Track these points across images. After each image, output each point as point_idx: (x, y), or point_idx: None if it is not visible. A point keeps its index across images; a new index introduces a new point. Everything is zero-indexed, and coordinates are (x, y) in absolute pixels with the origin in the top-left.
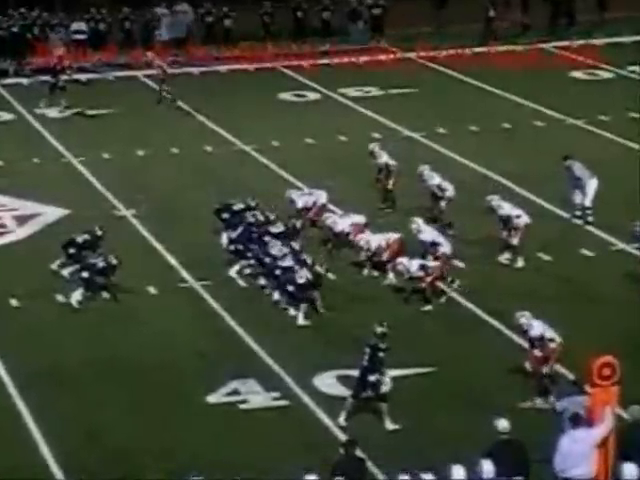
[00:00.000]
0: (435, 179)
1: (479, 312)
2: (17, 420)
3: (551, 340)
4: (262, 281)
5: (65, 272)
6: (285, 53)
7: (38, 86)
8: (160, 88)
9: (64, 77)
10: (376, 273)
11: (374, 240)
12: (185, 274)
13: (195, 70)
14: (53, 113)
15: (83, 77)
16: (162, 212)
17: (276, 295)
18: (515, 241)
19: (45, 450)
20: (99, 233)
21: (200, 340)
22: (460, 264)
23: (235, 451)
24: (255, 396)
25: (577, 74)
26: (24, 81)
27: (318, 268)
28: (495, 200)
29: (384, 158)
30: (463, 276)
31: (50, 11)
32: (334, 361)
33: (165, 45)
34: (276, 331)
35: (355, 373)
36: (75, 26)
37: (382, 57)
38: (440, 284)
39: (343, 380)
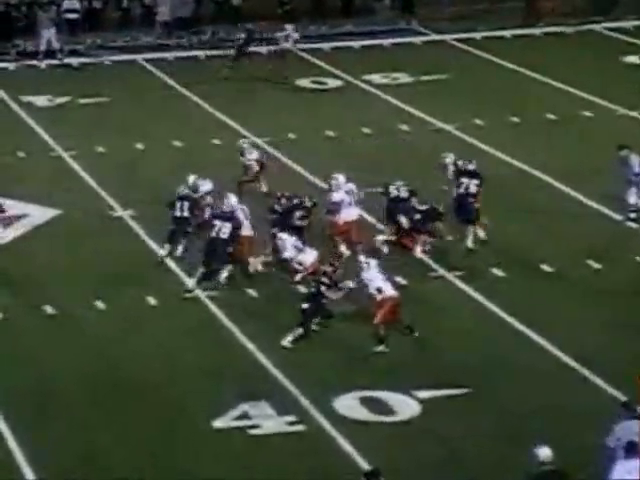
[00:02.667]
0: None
1: (518, 325)
2: None
3: None
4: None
5: None
6: (303, 34)
7: (24, 71)
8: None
9: (53, 61)
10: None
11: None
12: (189, 282)
13: (202, 53)
14: (41, 101)
15: (75, 61)
16: (163, 213)
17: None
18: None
19: (31, 477)
20: None
21: (206, 357)
22: (498, 272)
23: None
24: (267, 420)
25: (631, 59)
26: (9, 65)
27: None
28: (449, 157)
29: (254, 155)
30: (500, 284)
31: None
32: (356, 381)
33: (168, 26)
34: (292, 347)
35: (379, 394)
36: (67, 4)
37: (412, 39)
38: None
39: (367, 402)
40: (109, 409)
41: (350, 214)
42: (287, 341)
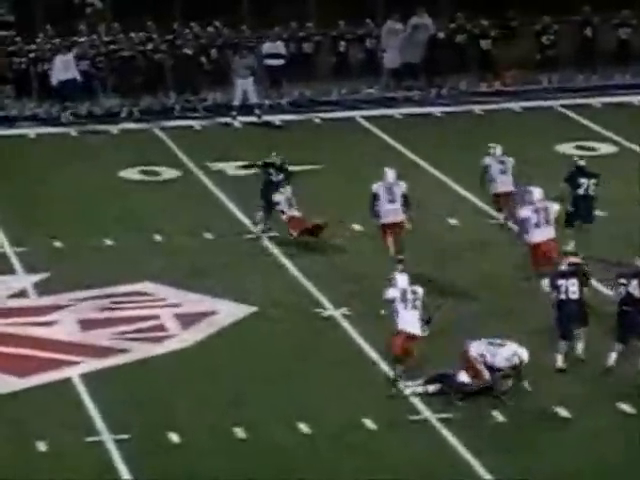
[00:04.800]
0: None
1: None
2: None
3: None
4: None
5: None
6: (567, 87)
7: (214, 130)
8: None
9: (249, 119)
10: None
11: None
12: (417, 401)
13: (435, 110)
14: (234, 169)
15: (277, 119)
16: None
17: None
18: None
19: None
20: None
21: None
22: None
23: None
24: None
25: None
26: (195, 124)
27: None
28: None
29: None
30: None
31: (234, 27)
32: None
33: (396, 75)
34: None
35: None
36: (268, 47)
37: None
38: None
39: None
40: None
41: (542, 234)
42: None
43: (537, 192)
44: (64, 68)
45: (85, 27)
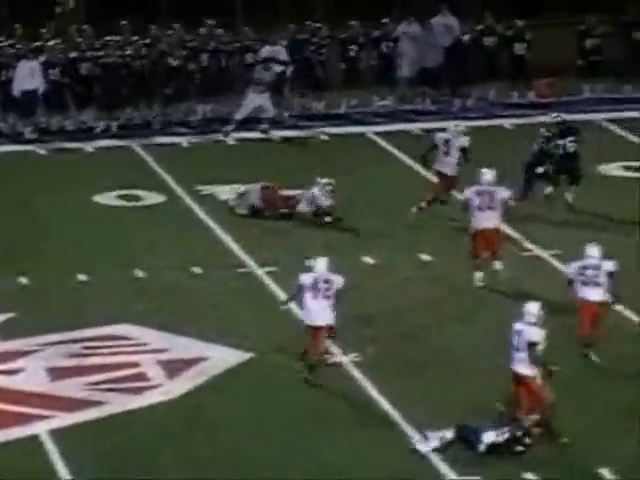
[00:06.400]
0: None
1: None
2: None
3: None
4: None
5: None
6: (612, 97)
7: (204, 148)
8: None
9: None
10: None
11: None
12: (438, 460)
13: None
14: (228, 193)
15: (277, 135)
16: (400, 358)
17: None
18: None
19: None
20: None
21: None
22: None
23: None
24: None
25: None
26: (182, 140)
27: None
28: None
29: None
30: None
31: (228, 27)
32: None
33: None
34: None
35: None
36: (267, 52)
37: None
38: None
39: None
40: None
41: (483, 220)
42: None
43: (488, 174)
44: (29, 75)
45: (52, 29)
